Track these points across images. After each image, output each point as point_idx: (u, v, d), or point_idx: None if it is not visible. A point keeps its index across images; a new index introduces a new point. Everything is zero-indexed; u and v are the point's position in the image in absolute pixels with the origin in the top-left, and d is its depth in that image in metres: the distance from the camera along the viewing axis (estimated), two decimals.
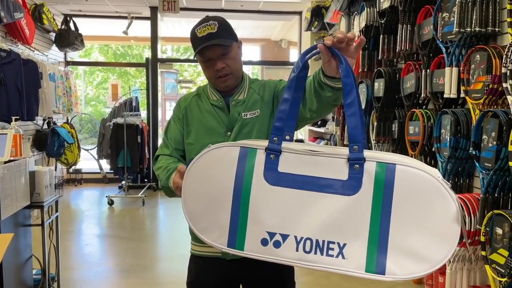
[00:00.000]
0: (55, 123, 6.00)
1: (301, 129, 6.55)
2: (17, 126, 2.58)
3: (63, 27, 6.31)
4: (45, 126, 5.76)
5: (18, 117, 2.91)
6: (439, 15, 2.72)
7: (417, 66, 3.09)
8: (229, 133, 1.49)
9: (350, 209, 0.98)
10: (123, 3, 6.59)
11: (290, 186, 1.03)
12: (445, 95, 2.65)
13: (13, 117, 2.71)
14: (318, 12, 5.62)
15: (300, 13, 7.03)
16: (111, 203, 6.02)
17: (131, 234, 4.83)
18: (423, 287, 2.92)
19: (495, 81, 2.21)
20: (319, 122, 5.89)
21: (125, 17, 7.13)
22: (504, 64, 2.09)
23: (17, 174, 2.38)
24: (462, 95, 2.51)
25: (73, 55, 7.43)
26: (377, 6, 3.66)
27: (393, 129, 3.42)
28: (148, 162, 6.93)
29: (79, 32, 6.48)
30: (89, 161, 7.76)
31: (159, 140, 7.15)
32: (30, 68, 4.77)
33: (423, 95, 2.97)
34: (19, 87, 4.45)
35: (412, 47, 3.16)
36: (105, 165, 7.22)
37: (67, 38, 6.24)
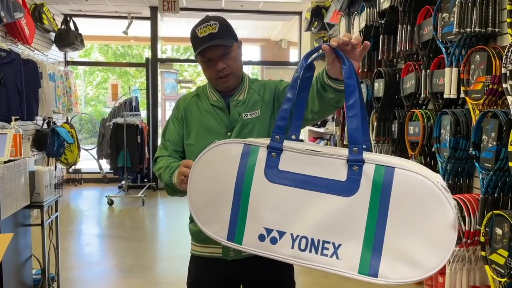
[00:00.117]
0: (55, 123, 6.00)
1: (301, 129, 6.51)
2: (17, 126, 2.58)
3: (63, 27, 6.31)
4: (45, 126, 5.76)
5: (18, 117, 2.91)
6: (439, 16, 2.72)
7: (417, 67, 3.09)
8: (229, 134, 1.48)
9: (347, 210, 0.98)
10: (123, 3, 6.59)
11: (290, 184, 1.04)
12: (445, 96, 2.65)
13: (13, 117, 2.71)
14: (318, 12, 5.62)
15: (300, 13, 7.03)
16: (111, 203, 6.02)
17: (131, 234, 4.82)
18: (423, 287, 2.92)
19: (495, 82, 2.21)
20: (319, 122, 5.89)
21: (125, 17, 7.13)
22: (504, 65, 2.09)
23: (17, 174, 2.38)
24: (462, 96, 2.51)
25: (73, 55, 7.43)
26: (377, 7, 3.66)
27: (393, 129, 3.42)
28: (148, 162, 6.92)
29: (79, 32, 6.48)
30: (89, 161, 7.76)
31: (159, 140, 7.16)
32: (30, 68, 4.77)
33: (423, 96, 2.97)
34: (19, 87, 4.45)
35: (412, 48, 3.16)
36: (105, 165, 7.22)
37: (67, 38, 6.24)
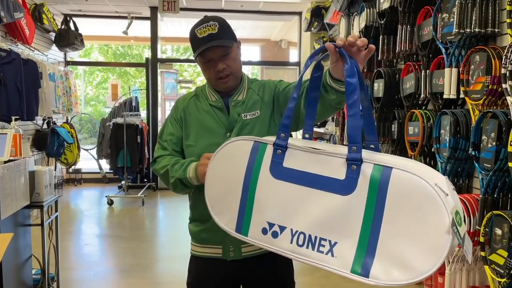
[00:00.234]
0: (55, 123, 6.01)
1: (301, 129, 6.51)
2: (17, 126, 2.58)
3: (63, 27, 6.31)
4: (45, 126, 5.77)
5: (18, 117, 2.91)
6: (439, 16, 2.73)
7: (417, 67, 3.09)
8: (229, 134, 1.48)
9: (344, 209, 0.99)
10: (123, 3, 6.59)
11: (292, 181, 1.07)
12: (445, 96, 2.66)
13: (13, 117, 2.71)
14: (318, 13, 5.62)
15: (300, 14, 7.03)
16: (111, 203, 6.02)
17: (131, 234, 4.82)
18: (423, 287, 2.92)
19: (495, 82, 2.21)
20: (319, 123, 5.90)
21: (125, 17, 7.13)
22: (504, 65, 2.09)
23: (17, 174, 2.38)
24: (462, 96, 2.51)
25: (73, 55, 7.43)
26: (377, 7, 3.66)
27: (393, 130, 3.42)
28: (148, 162, 6.92)
29: (79, 32, 6.48)
30: (89, 161, 7.75)
31: None
32: (30, 68, 4.77)
33: (423, 96, 2.97)
34: (19, 87, 4.46)
35: (412, 48, 3.16)
36: (105, 165, 7.22)
37: (67, 38, 6.24)
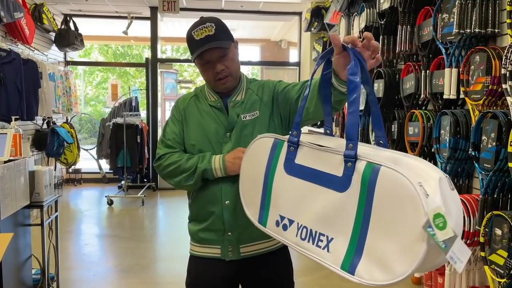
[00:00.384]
0: (55, 123, 6.00)
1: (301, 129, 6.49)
2: (17, 126, 2.57)
3: (63, 27, 6.31)
4: (45, 126, 5.76)
5: (18, 117, 2.91)
6: (439, 16, 2.73)
7: (417, 67, 3.09)
8: (229, 134, 1.48)
9: (339, 206, 1.00)
10: (123, 3, 6.59)
11: (300, 177, 1.12)
12: (445, 96, 2.66)
13: (13, 117, 2.71)
14: (318, 13, 5.63)
15: (300, 14, 7.03)
16: (111, 203, 6.02)
17: (131, 234, 4.82)
18: (422, 287, 2.92)
19: (495, 82, 2.21)
20: (319, 123, 5.89)
21: (125, 17, 7.13)
22: (504, 65, 2.09)
23: (17, 174, 2.38)
24: (462, 96, 2.51)
25: (73, 55, 7.43)
26: (377, 7, 3.66)
27: (393, 130, 3.42)
28: (148, 162, 6.92)
29: (79, 32, 6.48)
30: (89, 161, 7.75)
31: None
32: (30, 68, 4.77)
33: (423, 96, 2.97)
34: (19, 87, 4.45)
35: (412, 48, 3.16)
36: (105, 165, 7.22)
37: (67, 38, 6.24)
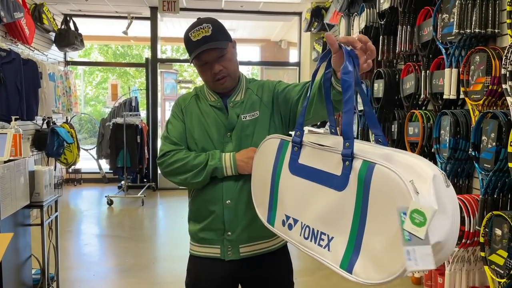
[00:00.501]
0: (55, 123, 6.00)
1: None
2: (17, 126, 2.57)
3: (63, 27, 6.31)
4: (45, 126, 5.76)
5: (18, 117, 2.91)
6: (439, 16, 2.73)
7: (417, 67, 3.09)
8: (229, 134, 1.48)
9: (338, 205, 1.00)
10: (123, 3, 6.59)
11: (303, 177, 1.13)
12: (445, 96, 2.66)
13: (13, 117, 2.71)
14: (318, 13, 5.63)
15: (300, 14, 7.03)
16: (111, 203, 6.02)
17: (131, 234, 4.82)
18: None
19: (495, 82, 2.21)
20: (319, 123, 5.89)
21: (125, 17, 7.12)
22: (504, 65, 2.09)
23: (17, 174, 2.38)
24: (462, 96, 2.51)
25: (73, 55, 7.42)
26: (377, 7, 3.66)
27: (393, 130, 3.42)
28: (148, 162, 6.92)
29: (79, 32, 6.48)
30: (89, 161, 7.75)
31: (159, 140, 7.15)
32: (30, 68, 4.77)
33: (423, 96, 2.97)
34: (19, 87, 4.45)
35: (412, 48, 3.16)
36: (105, 165, 7.22)
37: (67, 38, 6.24)
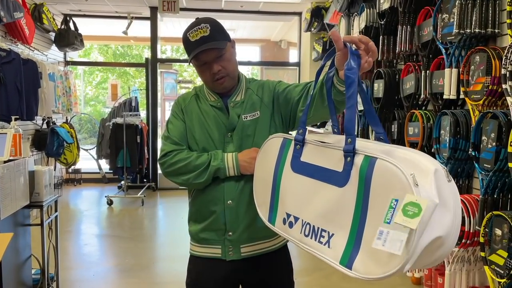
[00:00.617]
0: (55, 123, 6.00)
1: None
2: (17, 126, 2.57)
3: (63, 27, 6.31)
4: (45, 126, 5.76)
5: (18, 117, 2.91)
6: (439, 16, 2.73)
7: (417, 67, 3.09)
8: (230, 134, 1.48)
9: (339, 201, 0.99)
10: (123, 3, 6.58)
11: (305, 174, 1.13)
12: (445, 96, 2.66)
13: (13, 117, 2.71)
14: (318, 13, 5.62)
15: (300, 14, 7.03)
16: (110, 203, 6.02)
17: (130, 234, 4.82)
18: None
19: (495, 82, 2.21)
20: (319, 123, 5.88)
21: (125, 17, 7.12)
22: (504, 66, 2.09)
23: (17, 174, 2.38)
24: (462, 96, 2.51)
25: (73, 55, 7.42)
26: (377, 7, 3.66)
27: (393, 130, 3.42)
28: (148, 162, 6.91)
29: (79, 32, 6.48)
30: (88, 161, 7.74)
31: (159, 140, 7.15)
32: (30, 68, 4.77)
33: (423, 96, 2.97)
34: (19, 87, 4.45)
35: (412, 48, 3.16)
36: (105, 165, 7.22)
37: (67, 38, 6.24)
